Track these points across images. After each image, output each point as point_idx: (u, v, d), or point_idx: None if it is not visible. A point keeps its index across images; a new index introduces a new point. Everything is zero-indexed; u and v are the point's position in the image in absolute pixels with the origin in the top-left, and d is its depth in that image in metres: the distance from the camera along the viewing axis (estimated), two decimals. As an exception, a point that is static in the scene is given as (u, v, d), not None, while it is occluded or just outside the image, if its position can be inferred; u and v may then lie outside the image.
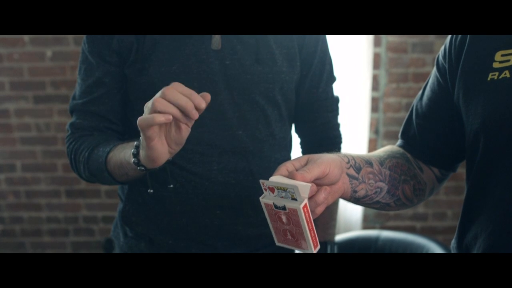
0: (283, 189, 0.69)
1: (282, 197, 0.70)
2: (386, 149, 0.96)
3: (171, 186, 1.05)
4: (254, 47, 1.06)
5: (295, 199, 0.69)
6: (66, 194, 2.65)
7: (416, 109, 0.96)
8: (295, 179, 0.70)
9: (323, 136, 1.23)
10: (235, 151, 1.08)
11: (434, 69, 0.93)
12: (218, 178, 1.07)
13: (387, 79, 2.48)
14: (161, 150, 0.82)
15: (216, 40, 1.03)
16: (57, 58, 2.48)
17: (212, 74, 1.04)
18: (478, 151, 0.80)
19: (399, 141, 1.00)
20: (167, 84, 0.84)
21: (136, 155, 0.88)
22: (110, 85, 1.07)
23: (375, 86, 2.48)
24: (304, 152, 1.27)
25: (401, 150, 0.96)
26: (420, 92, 0.97)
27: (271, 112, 1.10)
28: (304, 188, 0.69)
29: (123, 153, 0.94)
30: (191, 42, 1.03)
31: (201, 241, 1.11)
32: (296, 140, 1.27)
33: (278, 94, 1.09)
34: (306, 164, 0.74)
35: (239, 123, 1.07)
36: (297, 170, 0.72)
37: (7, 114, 2.55)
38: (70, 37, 2.46)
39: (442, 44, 2.62)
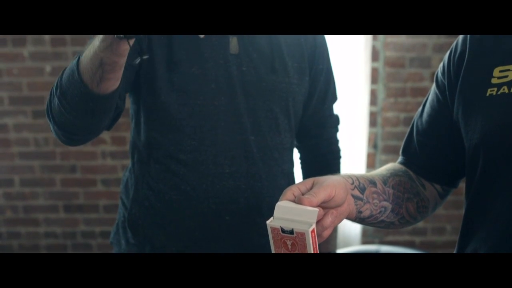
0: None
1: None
2: (389, 167, 0.97)
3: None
4: (269, 56, 1.08)
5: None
6: (64, 209, 2.64)
7: (417, 126, 0.96)
8: (302, 204, 0.70)
9: (327, 150, 1.27)
10: (247, 156, 1.09)
11: (434, 85, 0.94)
12: (229, 182, 1.08)
13: (385, 93, 2.49)
14: None
15: (234, 44, 1.05)
16: (56, 73, 2.49)
17: (230, 78, 1.05)
18: (478, 166, 0.80)
19: (400, 158, 1.00)
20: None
21: None
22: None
23: (373, 100, 2.49)
24: (304, 166, 1.30)
25: (403, 167, 0.96)
26: (420, 108, 0.98)
27: (282, 121, 1.12)
28: (312, 213, 0.69)
29: (97, 38, 0.80)
30: (210, 45, 1.04)
31: (207, 248, 1.10)
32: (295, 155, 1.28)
33: (291, 104, 1.12)
34: (311, 188, 0.74)
35: (253, 128, 1.09)
36: (303, 194, 0.72)
37: (5, 129, 2.55)
38: (69, 51, 2.47)
39: (440, 59, 2.63)
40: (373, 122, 2.51)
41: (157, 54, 1.03)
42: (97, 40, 0.79)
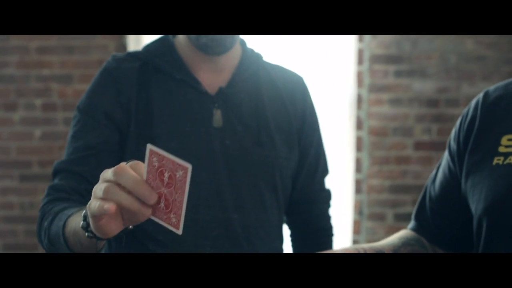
0: None
1: None
2: (401, 235, 0.96)
3: None
4: (254, 130, 1.04)
5: None
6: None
7: (430, 192, 0.96)
8: None
9: (317, 227, 1.20)
10: (229, 236, 1.03)
11: (446, 152, 0.94)
12: None
13: (369, 161, 2.55)
14: (112, 228, 0.67)
15: (218, 117, 1.02)
16: (45, 137, 2.51)
17: (212, 152, 1.01)
18: (482, 236, 0.81)
19: (412, 223, 0.99)
20: None
21: (86, 217, 0.72)
22: (101, 148, 0.99)
23: (358, 168, 2.54)
24: (295, 244, 1.23)
25: (416, 235, 0.96)
26: (434, 173, 0.97)
27: (269, 198, 1.06)
28: None
29: (80, 217, 0.77)
30: (191, 119, 1.01)
31: None
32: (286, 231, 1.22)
33: (278, 179, 1.06)
34: None
35: (236, 206, 1.03)
36: None
37: (-9, 192, 2.54)
38: (60, 117, 2.49)
39: (421, 128, 2.68)
40: (358, 189, 2.55)
41: (137, 133, 1.00)
42: (79, 220, 0.76)
